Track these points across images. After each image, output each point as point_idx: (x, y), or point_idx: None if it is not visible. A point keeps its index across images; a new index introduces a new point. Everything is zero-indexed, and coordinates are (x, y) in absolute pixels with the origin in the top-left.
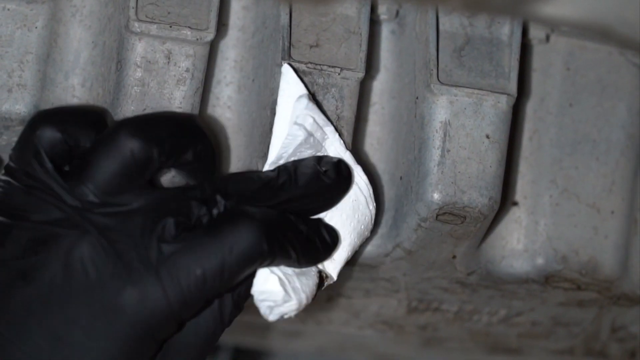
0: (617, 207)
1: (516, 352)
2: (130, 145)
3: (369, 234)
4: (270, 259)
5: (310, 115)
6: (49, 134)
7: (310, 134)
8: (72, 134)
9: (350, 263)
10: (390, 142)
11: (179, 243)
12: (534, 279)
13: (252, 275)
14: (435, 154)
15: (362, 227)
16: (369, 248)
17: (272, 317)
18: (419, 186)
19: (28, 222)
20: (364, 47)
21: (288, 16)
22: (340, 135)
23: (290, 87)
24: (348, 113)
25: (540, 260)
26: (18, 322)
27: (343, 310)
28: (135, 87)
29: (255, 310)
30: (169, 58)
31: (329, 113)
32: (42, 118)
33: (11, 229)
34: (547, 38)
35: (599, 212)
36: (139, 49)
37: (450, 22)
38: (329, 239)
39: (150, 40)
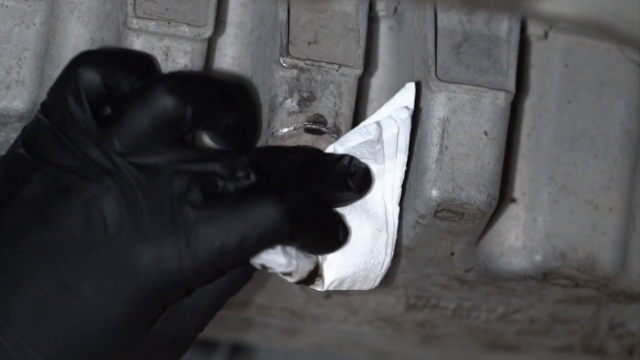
0: (615, 203)
1: (514, 349)
2: (164, 101)
3: (373, 282)
4: (288, 240)
5: (397, 126)
6: (90, 75)
7: (379, 142)
8: (112, 76)
9: None
10: None
11: (202, 211)
12: (532, 275)
13: None
14: (433, 151)
15: (372, 262)
16: None
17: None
18: (417, 183)
19: (54, 166)
20: (362, 43)
21: (286, 13)
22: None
23: (403, 100)
24: (346, 110)
25: (538, 257)
26: (29, 265)
27: (341, 308)
28: None
29: (254, 307)
30: (167, 54)
31: (326, 110)
32: (85, 57)
33: (36, 169)
34: (546, 35)
35: (597, 208)
36: (137, 45)
37: (449, 19)
38: (342, 236)
39: (148, 37)
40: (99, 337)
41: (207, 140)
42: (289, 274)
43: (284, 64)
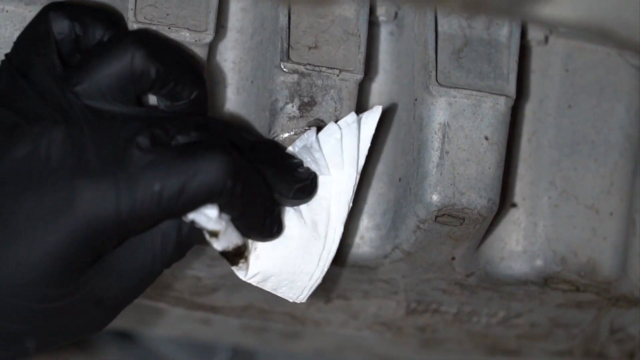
0: (615, 208)
1: (515, 354)
2: (132, 53)
3: (300, 293)
4: (226, 199)
5: (340, 132)
6: (60, 19)
7: (319, 150)
8: (82, 23)
9: (349, 264)
10: (388, 144)
11: (147, 153)
12: (532, 280)
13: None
14: (434, 156)
15: (301, 268)
16: (368, 249)
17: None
18: (418, 188)
19: (6, 107)
20: (363, 48)
21: (287, 18)
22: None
23: (365, 119)
24: (346, 114)
25: (539, 262)
26: None
27: (341, 312)
28: None
29: (254, 311)
30: None
31: (327, 115)
32: (56, 4)
33: None
34: (546, 39)
35: (598, 213)
36: None
37: (449, 24)
38: (275, 228)
39: None
40: (29, 270)
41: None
42: (216, 235)
43: (284, 69)
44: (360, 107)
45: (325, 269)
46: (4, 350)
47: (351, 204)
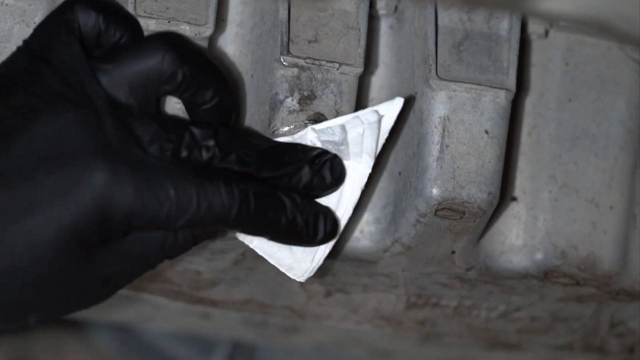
0: (616, 202)
1: (515, 348)
2: (163, 53)
3: (299, 271)
4: (235, 227)
5: (363, 127)
6: (86, 11)
7: (344, 144)
8: (106, 18)
9: (349, 258)
10: (388, 137)
11: (163, 162)
12: (533, 274)
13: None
14: (434, 150)
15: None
16: (368, 243)
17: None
18: (418, 181)
19: (26, 90)
20: (363, 42)
21: (287, 11)
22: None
23: (385, 112)
24: (346, 108)
25: (539, 256)
26: None
27: (341, 306)
28: None
29: (254, 305)
30: None
31: (327, 108)
32: None
33: (10, 93)
34: (546, 33)
35: (598, 207)
36: None
37: (449, 17)
38: (330, 226)
39: None
40: (43, 244)
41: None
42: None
43: (284, 63)
44: (360, 101)
45: (328, 250)
46: (6, 322)
47: (363, 188)
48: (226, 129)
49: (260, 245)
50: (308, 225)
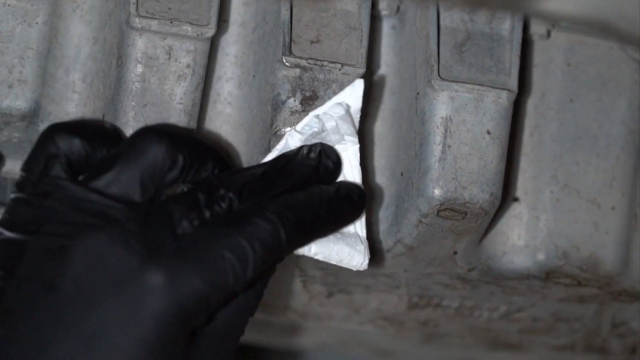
0: (617, 202)
1: (517, 348)
2: (159, 142)
3: (360, 258)
4: (292, 248)
5: (335, 120)
6: (67, 140)
7: (324, 130)
8: (89, 140)
9: None
10: (390, 138)
11: (199, 231)
12: (534, 274)
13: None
14: (436, 150)
15: (340, 234)
16: (370, 244)
17: None
18: (420, 182)
19: (40, 233)
20: (365, 42)
21: (289, 12)
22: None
23: (348, 98)
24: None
25: (541, 256)
26: (47, 331)
27: (344, 306)
28: (136, 83)
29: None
30: (169, 54)
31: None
32: (59, 125)
33: (26, 244)
34: (548, 34)
35: (600, 207)
36: (140, 44)
37: (451, 18)
38: (356, 197)
39: (150, 36)
40: None
41: None
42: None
43: (286, 63)
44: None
45: (364, 226)
46: None
47: (359, 164)
48: (222, 174)
49: (318, 251)
50: (341, 198)
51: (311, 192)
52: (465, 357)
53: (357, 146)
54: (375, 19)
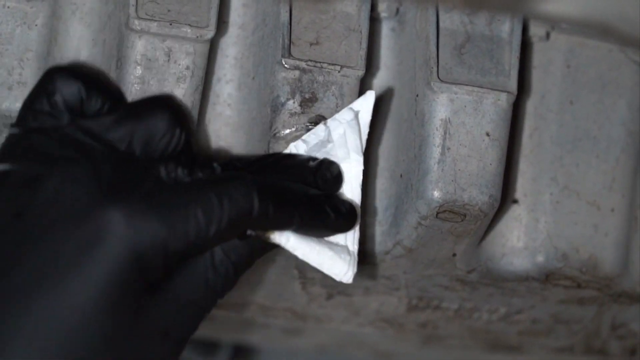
0: (617, 204)
1: (516, 350)
2: (159, 118)
3: (344, 270)
4: (263, 217)
5: (343, 127)
6: (65, 81)
7: (330, 141)
8: (87, 86)
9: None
10: (390, 140)
11: (171, 183)
12: (534, 276)
13: (246, 250)
14: (435, 152)
15: (330, 245)
16: (369, 246)
17: None
18: (419, 184)
19: (23, 163)
20: (364, 44)
21: (288, 14)
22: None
23: (360, 107)
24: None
25: (540, 258)
26: (8, 256)
27: (343, 308)
28: (136, 85)
29: (256, 308)
30: (169, 56)
31: (328, 110)
32: (60, 66)
33: (10, 173)
34: (548, 35)
35: (600, 209)
36: (139, 46)
37: (451, 20)
38: (344, 209)
39: (150, 38)
40: (84, 308)
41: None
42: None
43: (285, 65)
44: None
45: (357, 242)
46: None
47: (361, 185)
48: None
49: (297, 246)
50: (328, 200)
51: (299, 185)
52: (465, 359)
53: (361, 168)
54: (374, 20)
